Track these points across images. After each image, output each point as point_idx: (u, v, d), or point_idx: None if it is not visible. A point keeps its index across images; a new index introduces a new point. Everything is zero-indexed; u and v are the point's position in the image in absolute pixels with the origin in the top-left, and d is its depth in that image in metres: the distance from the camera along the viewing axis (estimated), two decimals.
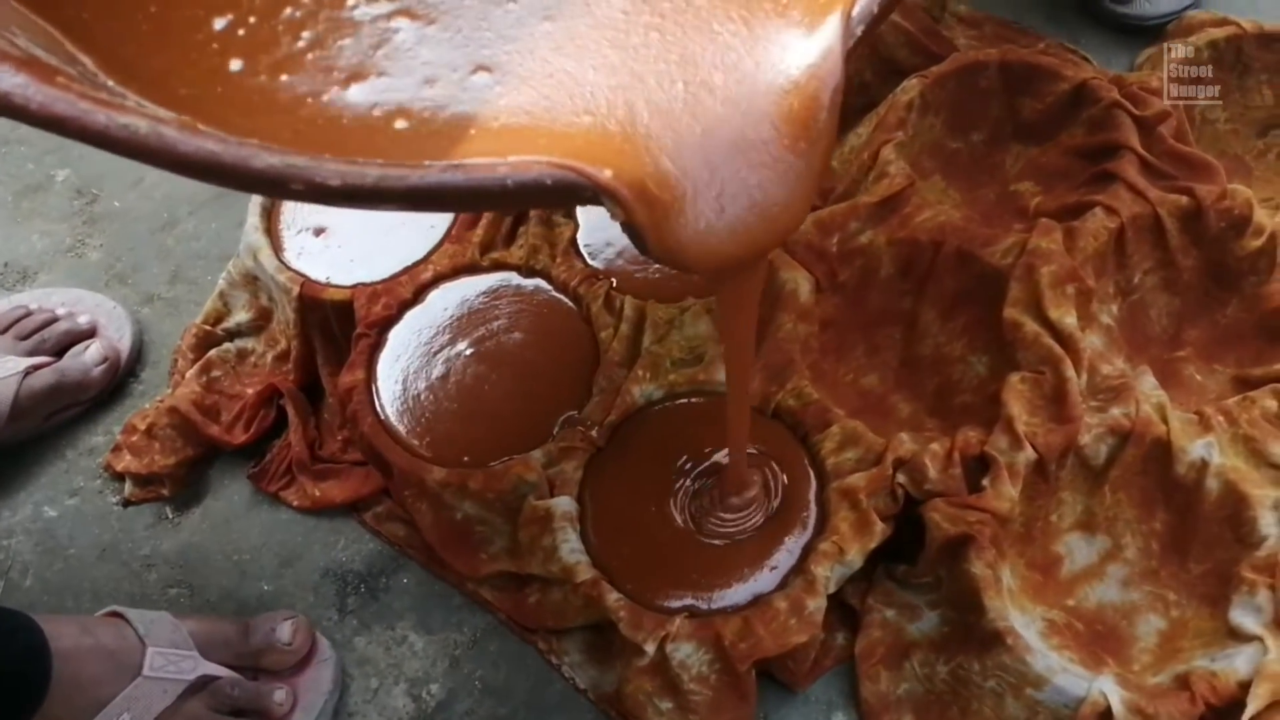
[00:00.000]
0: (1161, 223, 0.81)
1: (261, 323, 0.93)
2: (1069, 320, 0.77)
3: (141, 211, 1.04)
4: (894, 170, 0.85)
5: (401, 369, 0.81)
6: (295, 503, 0.85)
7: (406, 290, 0.84)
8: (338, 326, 0.85)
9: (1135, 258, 0.83)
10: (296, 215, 0.90)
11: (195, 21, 0.45)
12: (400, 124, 0.42)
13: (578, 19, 0.46)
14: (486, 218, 0.87)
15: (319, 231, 0.89)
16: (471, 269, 0.85)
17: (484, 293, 0.84)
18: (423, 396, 0.80)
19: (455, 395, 0.80)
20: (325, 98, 0.43)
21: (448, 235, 0.88)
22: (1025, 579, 0.74)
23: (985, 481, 0.72)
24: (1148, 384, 0.77)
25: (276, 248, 0.88)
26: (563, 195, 0.38)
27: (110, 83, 0.40)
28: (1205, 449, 0.72)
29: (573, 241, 0.86)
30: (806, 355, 0.80)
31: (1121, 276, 0.83)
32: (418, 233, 0.88)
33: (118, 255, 1.01)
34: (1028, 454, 0.72)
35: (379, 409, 0.79)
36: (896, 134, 0.88)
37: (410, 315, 0.83)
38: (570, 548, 0.72)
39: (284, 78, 0.44)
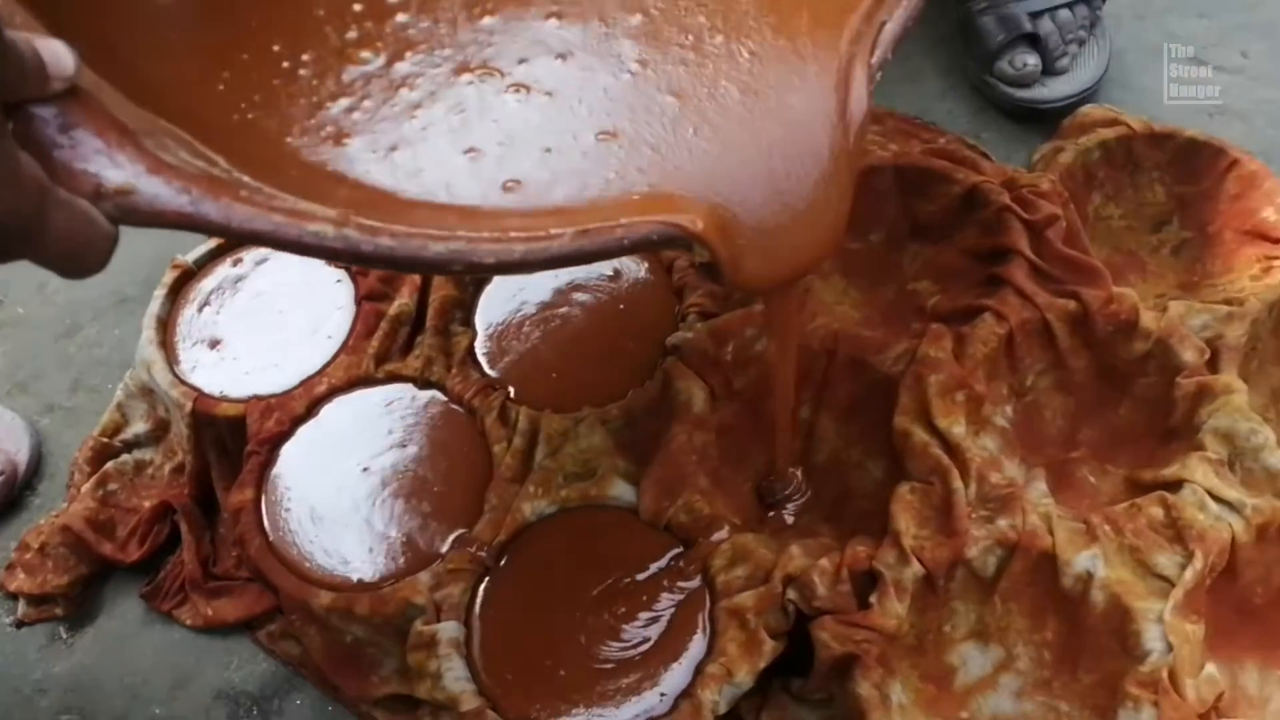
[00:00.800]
0: (1050, 327, 0.83)
1: (160, 433, 0.92)
2: (957, 429, 0.77)
3: (44, 317, 1.03)
4: None
5: (293, 487, 0.81)
6: (188, 621, 0.84)
7: (300, 404, 0.84)
8: (231, 442, 0.85)
9: (1027, 360, 0.84)
10: (192, 328, 0.90)
11: (308, 108, 0.51)
12: (512, 195, 0.50)
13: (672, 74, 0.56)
14: (382, 328, 0.87)
15: (214, 344, 0.88)
16: (366, 381, 0.85)
17: (378, 406, 0.84)
18: (313, 515, 0.79)
19: (347, 513, 0.79)
20: (439, 174, 0.50)
21: (344, 346, 0.88)
22: (919, 692, 0.74)
23: (873, 599, 0.72)
24: (1036, 491, 0.78)
25: (171, 360, 0.88)
26: (662, 244, 0.48)
27: (245, 177, 0.44)
28: (1090, 561, 0.73)
29: (470, 351, 0.87)
30: (705, 464, 0.80)
31: (1015, 379, 0.84)
32: (314, 344, 0.88)
33: (19, 363, 1.01)
34: (915, 569, 0.72)
35: (267, 529, 0.79)
36: None
37: (303, 430, 0.83)
38: (455, 675, 0.71)
39: (399, 154, 0.50)
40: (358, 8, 0.56)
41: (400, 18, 0.57)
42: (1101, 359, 0.84)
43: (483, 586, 0.76)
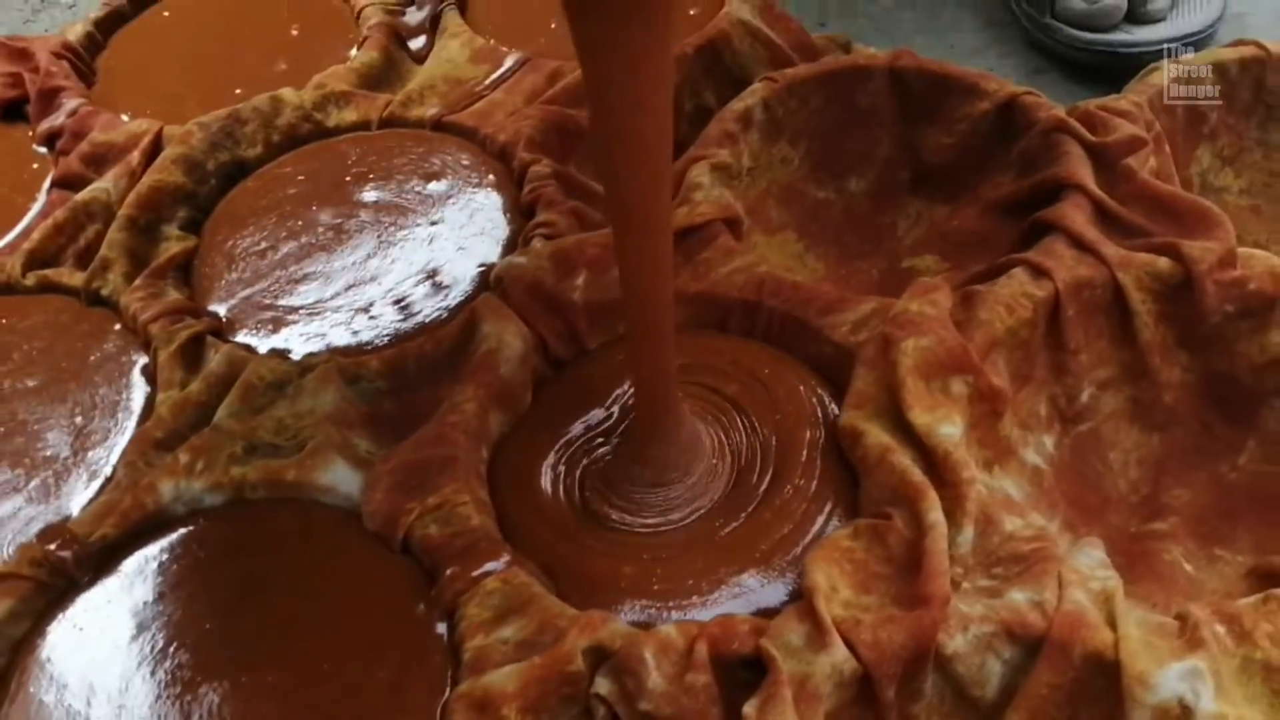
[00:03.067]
0: (1125, 298, 0.51)
1: None
2: (945, 430, 0.45)
3: None
4: (701, 197, 0.56)
5: None
6: None
7: None
8: None
9: (1084, 359, 0.52)
10: None
11: None
12: None
13: None
14: (54, 219, 0.57)
15: None
16: (8, 289, 0.55)
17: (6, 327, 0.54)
18: None
19: None
20: None
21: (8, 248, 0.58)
22: None
23: (749, 708, 0.38)
24: (1088, 557, 0.44)
25: None
26: None
27: None
28: (1187, 681, 0.39)
29: (179, 263, 0.57)
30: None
31: (1061, 389, 0.52)
32: None
33: None
34: (839, 660, 0.39)
35: None
36: (717, 152, 0.59)
37: None
38: None
39: None
40: None
41: None
42: (1210, 363, 0.51)
43: (56, 616, 0.43)
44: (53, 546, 0.44)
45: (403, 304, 0.54)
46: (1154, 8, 0.74)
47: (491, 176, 0.60)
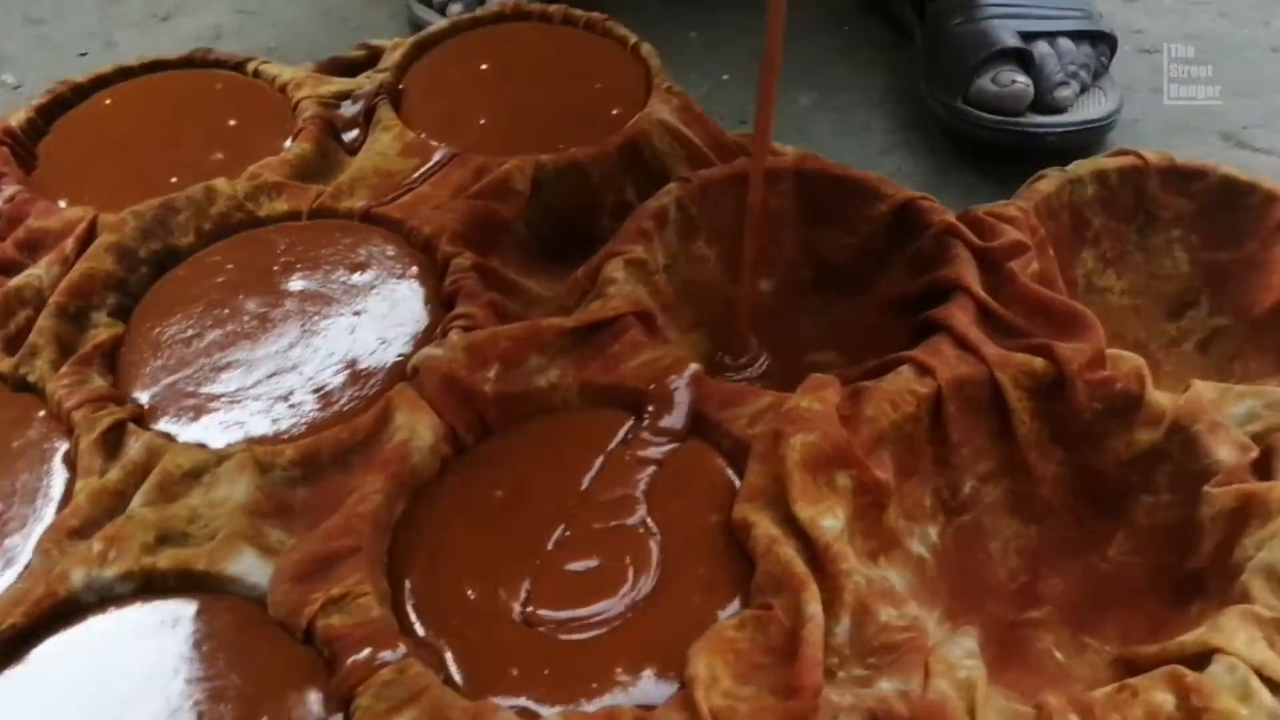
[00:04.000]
0: (1003, 397, 0.54)
1: None
2: (827, 523, 0.47)
3: None
4: (614, 291, 0.58)
5: None
6: None
7: None
8: None
9: (965, 453, 0.55)
10: None
11: None
12: None
13: None
14: None
15: None
16: None
17: None
18: None
19: None
20: None
21: None
22: None
23: None
24: (959, 647, 0.46)
25: None
26: None
27: None
28: None
29: (106, 350, 0.58)
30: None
31: (944, 481, 0.55)
32: None
33: None
34: None
35: None
36: (632, 248, 0.61)
37: None
38: None
39: None
40: None
41: None
42: (1082, 459, 0.54)
43: None
44: None
45: (322, 392, 0.56)
46: (1058, 97, 0.78)
47: (415, 268, 0.62)
